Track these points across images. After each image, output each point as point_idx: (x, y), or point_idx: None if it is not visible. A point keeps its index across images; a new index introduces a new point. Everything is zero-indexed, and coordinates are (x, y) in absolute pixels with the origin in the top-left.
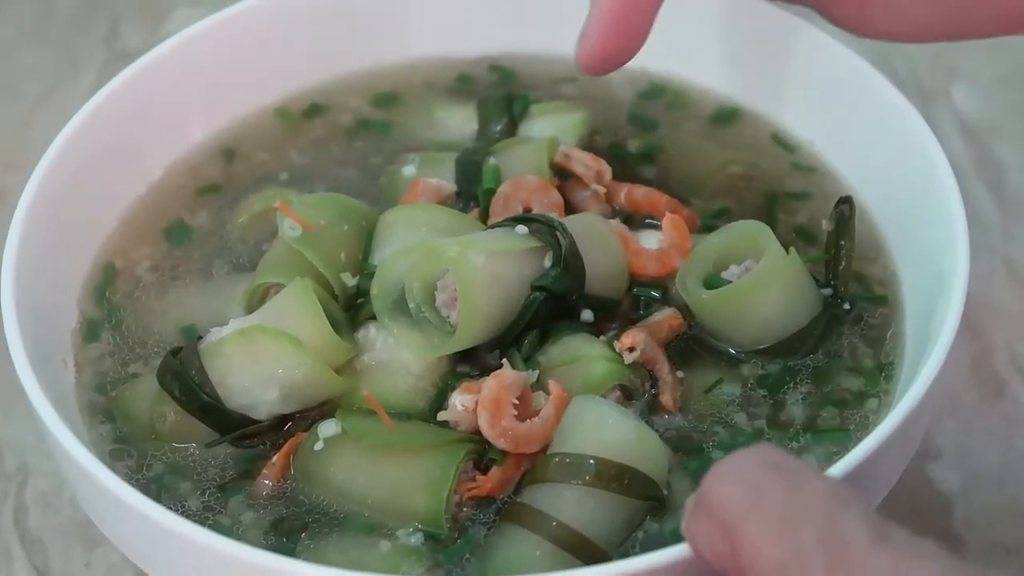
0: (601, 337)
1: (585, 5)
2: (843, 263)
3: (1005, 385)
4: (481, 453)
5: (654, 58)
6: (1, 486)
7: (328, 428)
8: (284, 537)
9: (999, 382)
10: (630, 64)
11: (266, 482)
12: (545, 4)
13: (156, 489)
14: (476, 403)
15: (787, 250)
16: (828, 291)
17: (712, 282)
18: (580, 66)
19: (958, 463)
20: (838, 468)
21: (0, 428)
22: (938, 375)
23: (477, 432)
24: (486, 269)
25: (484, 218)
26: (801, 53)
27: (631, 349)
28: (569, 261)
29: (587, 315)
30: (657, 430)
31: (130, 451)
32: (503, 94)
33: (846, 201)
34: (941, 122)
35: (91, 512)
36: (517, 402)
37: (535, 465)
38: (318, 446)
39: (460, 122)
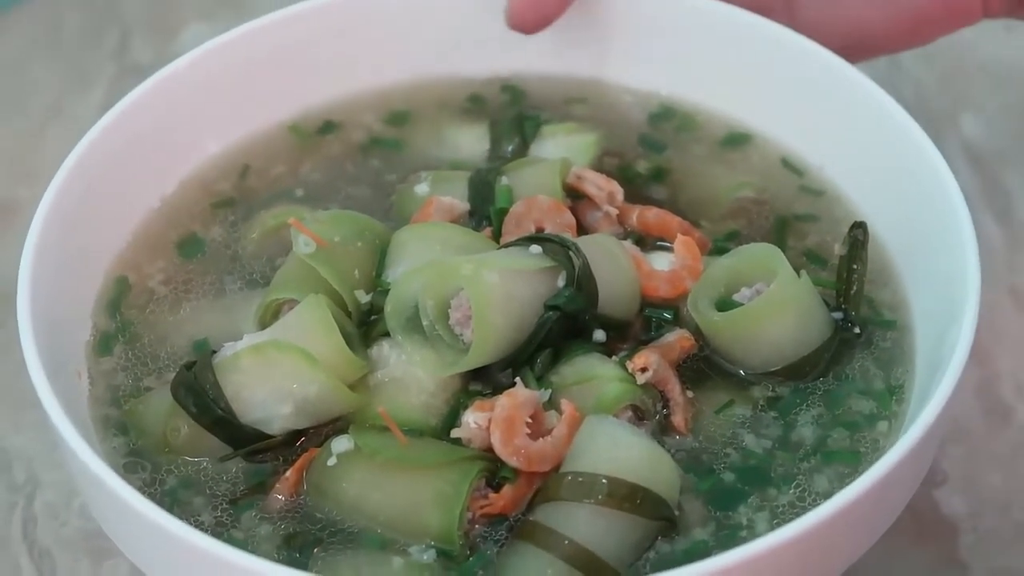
0: (613, 357)
1: (593, 25)
2: (855, 287)
3: (1011, 412)
4: (493, 471)
5: (665, 81)
6: (10, 497)
7: (341, 444)
8: (297, 552)
9: (1005, 409)
10: (641, 86)
11: (279, 497)
12: (555, 24)
13: (169, 503)
14: (489, 421)
15: (798, 273)
16: (839, 315)
17: (724, 304)
18: (509, 22)
19: (964, 488)
20: (851, 490)
21: (9, 440)
22: (950, 397)
23: (490, 450)
24: (500, 287)
25: (497, 237)
26: (812, 77)
27: (643, 370)
28: (582, 281)
29: (599, 335)
30: (668, 451)
31: (143, 464)
32: (514, 114)
33: (860, 226)
34: (948, 150)
35: (105, 524)
36: (530, 420)
37: (547, 483)
38: (331, 462)
39: (472, 141)
